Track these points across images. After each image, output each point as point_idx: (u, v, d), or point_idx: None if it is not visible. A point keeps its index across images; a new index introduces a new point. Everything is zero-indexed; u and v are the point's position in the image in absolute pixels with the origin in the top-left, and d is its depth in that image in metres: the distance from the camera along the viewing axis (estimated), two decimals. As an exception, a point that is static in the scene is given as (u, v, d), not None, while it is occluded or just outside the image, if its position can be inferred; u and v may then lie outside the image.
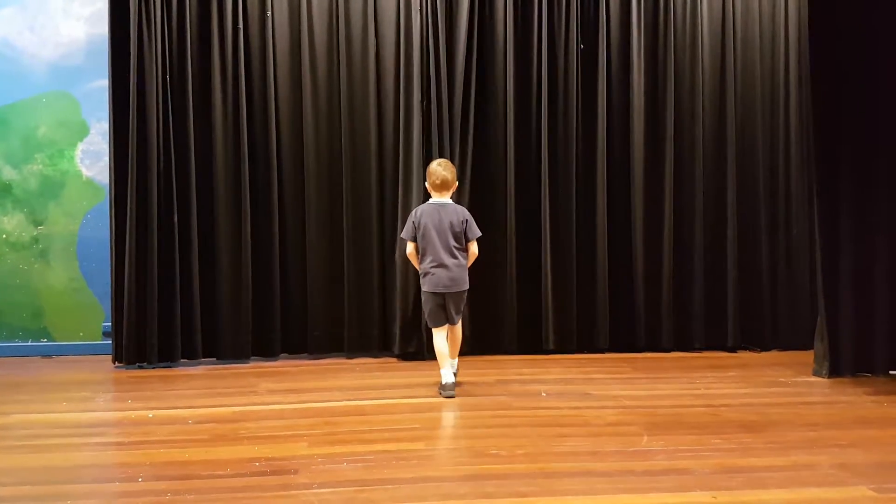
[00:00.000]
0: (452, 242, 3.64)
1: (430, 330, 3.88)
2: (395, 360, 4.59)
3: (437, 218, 3.65)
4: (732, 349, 4.84)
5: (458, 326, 3.81)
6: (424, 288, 3.71)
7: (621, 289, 4.84)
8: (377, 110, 4.72)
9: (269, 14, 4.63)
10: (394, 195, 4.76)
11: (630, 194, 4.85)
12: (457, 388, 3.74)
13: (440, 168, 3.72)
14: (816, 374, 4.05)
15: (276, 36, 4.65)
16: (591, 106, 4.82)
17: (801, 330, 4.75)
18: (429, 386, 3.90)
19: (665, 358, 4.69)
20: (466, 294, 3.76)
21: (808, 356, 4.24)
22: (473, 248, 3.74)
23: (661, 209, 4.85)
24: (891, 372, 4.02)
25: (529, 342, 4.76)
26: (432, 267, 3.65)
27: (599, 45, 4.80)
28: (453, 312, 3.71)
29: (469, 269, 3.83)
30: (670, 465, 2.66)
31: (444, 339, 3.72)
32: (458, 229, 3.65)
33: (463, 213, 3.73)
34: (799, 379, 4.02)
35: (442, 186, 3.68)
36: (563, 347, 4.75)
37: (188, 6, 4.54)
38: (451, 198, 3.82)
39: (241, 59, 4.59)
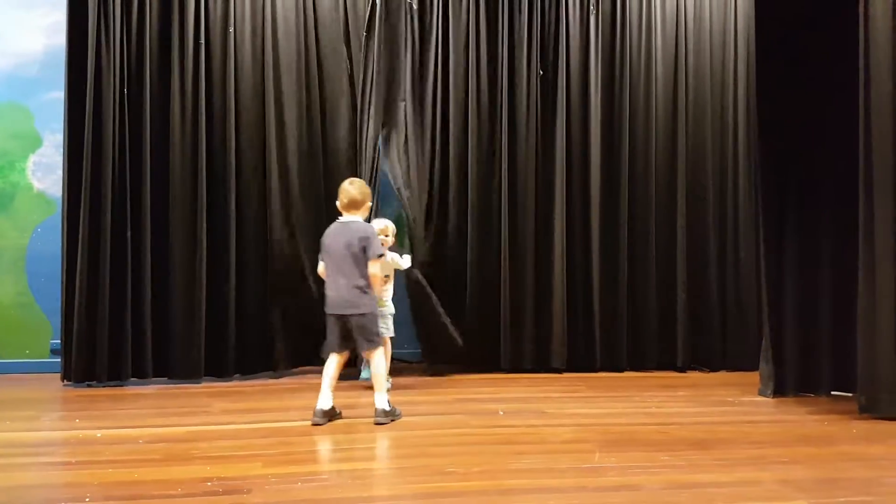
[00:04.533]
0: (349, 262, 3.44)
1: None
2: (352, 379, 4.58)
3: (338, 237, 3.49)
4: (683, 369, 4.98)
5: (376, 359, 3.53)
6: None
7: (578, 310, 4.94)
8: (341, 131, 4.75)
9: (231, 30, 4.63)
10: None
11: (587, 218, 4.97)
12: (414, 406, 3.73)
13: (351, 187, 3.57)
14: (762, 393, 4.19)
15: (239, 52, 4.65)
16: (550, 131, 4.95)
17: (749, 351, 4.91)
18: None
19: (619, 377, 4.79)
20: (371, 320, 3.50)
21: (754, 377, 4.38)
22: (371, 269, 3.47)
23: (617, 232, 4.99)
24: (832, 392, 4.18)
25: (488, 362, 4.81)
26: (328, 287, 3.51)
27: (559, 72, 4.94)
28: (357, 337, 3.49)
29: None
30: (622, 482, 2.72)
31: (333, 366, 3.52)
32: (356, 249, 3.44)
33: (365, 230, 3.52)
34: (745, 398, 4.15)
35: (350, 205, 3.53)
36: (519, 367, 4.81)
37: (148, 20, 4.51)
38: (368, 218, 3.75)
39: (202, 75, 4.58)
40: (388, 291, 4.38)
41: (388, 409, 3.53)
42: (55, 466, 2.92)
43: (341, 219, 3.60)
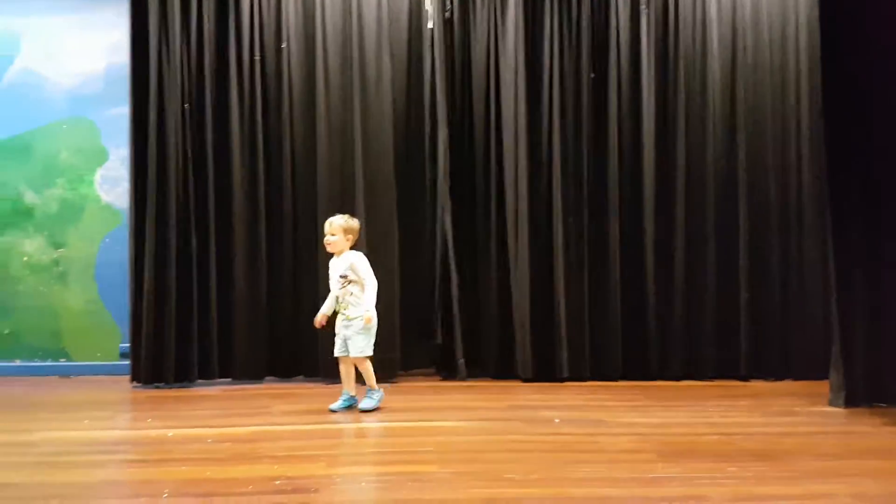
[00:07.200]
0: None
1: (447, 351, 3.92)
2: (407, 383, 4.63)
3: None
4: (745, 378, 4.83)
5: None
6: None
7: (634, 317, 4.85)
8: (391, 137, 4.82)
9: (284, 45, 4.76)
10: (407, 220, 4.85)
11: (642, 223, 4.88)
12: (467, 412, 3.74)
13: None
14: (832, 404, 4.02)
15: (292, 66, 4.78)
16: (602, 135, 4.88)
17: (815, 360, 4.73)
18: (441, 410, 3.94)
19: (677, 386, 4.68)
20: None
21: (821, 386, 4.23)
22: None
23: (673, 237, 4.88)
24: (907, 403, 4.01)
25: (543, 370, 4.76)
26: None
27: (609, 73, 4.88)
28: None
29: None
30: (687, 493, 2.66)
31: None
32: None
33: None
34: (813, 409, 4.00)
35: None
36: (576, 375, 4.75)
37: (206, 38, 4.68)
38: None
39: (258, 89, 4.73)
40: (357, 301, 3.83)
41: None
42: (133, 464, 3.05)
43: None
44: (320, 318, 3.87)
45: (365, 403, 3.82)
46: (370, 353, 3.82)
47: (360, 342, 3.77)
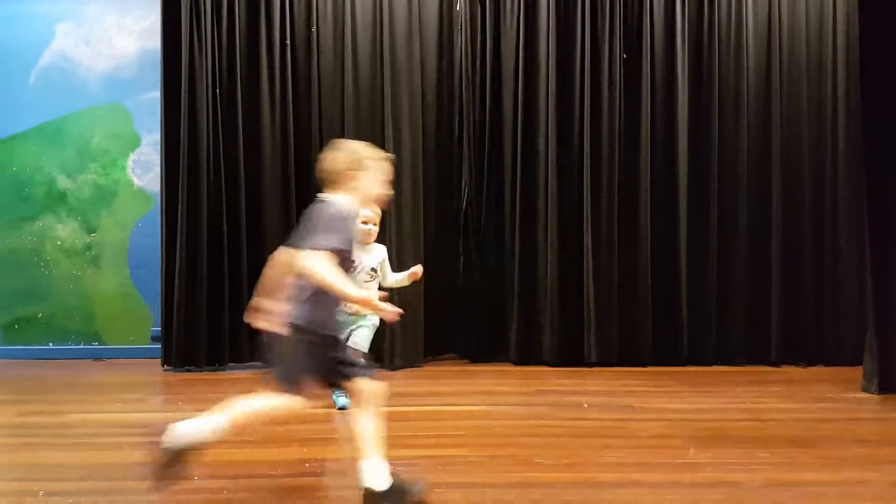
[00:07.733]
0: None
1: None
2: (432, 368, 4.64)
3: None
4: (776, 364, 4.76)
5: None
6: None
7: (664, 302, 4.80)
8: (420, 121, 4.80)
9: (314, 29, 4.75)
10: (434, 204, 4.84)
11: (675, 205, 4.80)
12: (495, 397, 3.73)
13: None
14: (866, 390, 3.96)
15: (321, 49, 4.77)
16: (634, 116, 4.80)
17: (847, 345, 4.65)
18: (469, 394, 3.94)
19: (708, 372, 4.63)
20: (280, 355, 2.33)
21: (854, 372, 4.16)
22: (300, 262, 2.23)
23: (706, 221, 4.80)
24: (943, 390, 3.91)
25: (570, 355, 4.74)
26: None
27: (643, 55, 4.79)
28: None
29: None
30: (719, 478, 2.64)
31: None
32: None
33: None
34: (847, 395, 3.94)
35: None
36: (604, 360, 4.71)
37: (237, 22, 4.68)
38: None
39: (289, 73, 4.72)
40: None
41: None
42: (164, 445, 3.09)
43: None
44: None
45: (342, 400, 3.51)
46: (367, 349, 3.57)
47: (367, 335, 3.62)
